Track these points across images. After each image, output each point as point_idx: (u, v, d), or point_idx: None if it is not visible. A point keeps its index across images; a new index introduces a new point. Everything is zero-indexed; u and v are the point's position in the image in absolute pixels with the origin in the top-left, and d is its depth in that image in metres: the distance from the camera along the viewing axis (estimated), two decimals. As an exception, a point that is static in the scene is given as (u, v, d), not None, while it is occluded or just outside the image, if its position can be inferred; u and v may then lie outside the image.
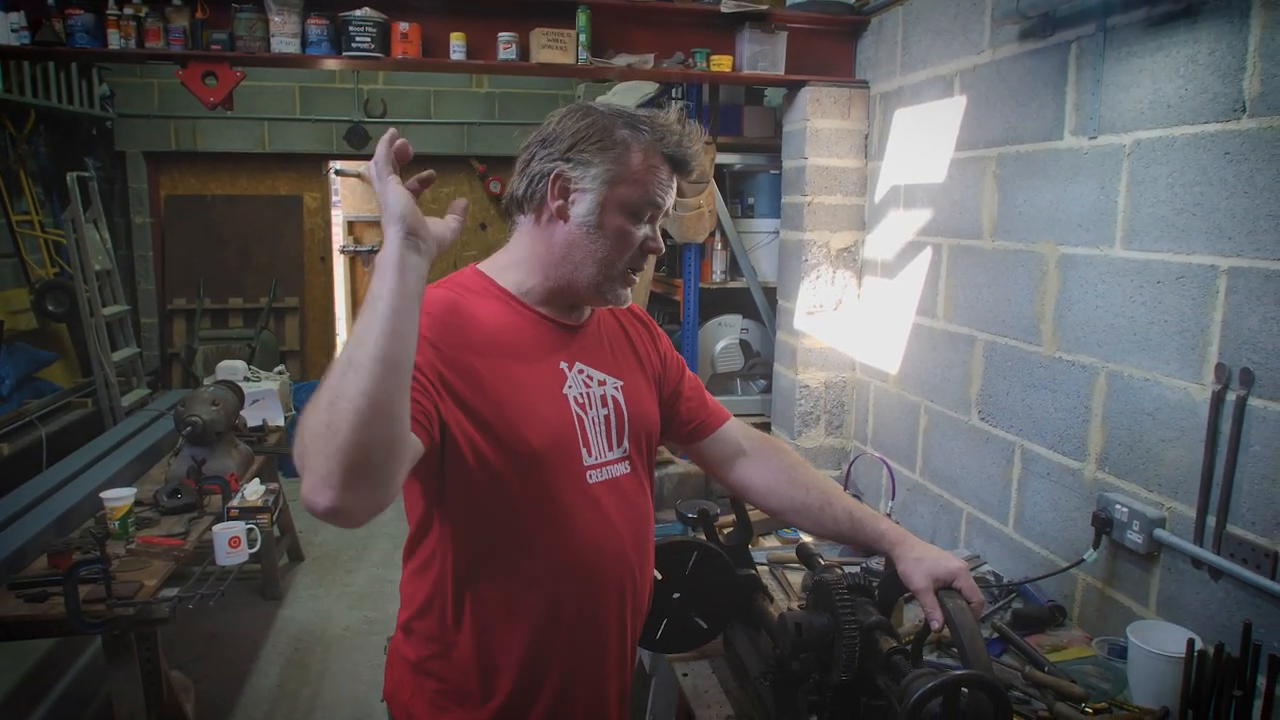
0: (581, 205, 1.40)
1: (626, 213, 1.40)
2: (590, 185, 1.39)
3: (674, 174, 1.44)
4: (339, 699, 3.61)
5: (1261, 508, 1.70)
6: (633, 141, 1.40)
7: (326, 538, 5.31)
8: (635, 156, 1.39)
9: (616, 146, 1.39)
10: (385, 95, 6.82)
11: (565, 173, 1.39)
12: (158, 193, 6.82)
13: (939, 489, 2.81)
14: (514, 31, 2.94)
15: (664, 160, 1.42)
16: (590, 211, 1.39)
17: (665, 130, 1.41)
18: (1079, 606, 2.20)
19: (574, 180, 1.39)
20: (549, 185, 1.40)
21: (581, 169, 1.39)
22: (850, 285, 3.31)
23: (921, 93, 2.85)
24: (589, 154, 1.39)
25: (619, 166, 1.39)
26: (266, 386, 4.69)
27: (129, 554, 2.82)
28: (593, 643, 1.46)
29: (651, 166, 1.40)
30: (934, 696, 1.18)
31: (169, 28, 2.80)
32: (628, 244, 1.42)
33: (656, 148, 1.41)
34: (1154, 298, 1.94)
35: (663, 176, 1.42)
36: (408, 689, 1.45)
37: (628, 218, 1.40)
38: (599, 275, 1.42)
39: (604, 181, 1.38)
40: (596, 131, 1.39)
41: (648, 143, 1.40)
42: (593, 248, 1.40)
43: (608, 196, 1.39)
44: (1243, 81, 1.72)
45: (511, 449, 1.34)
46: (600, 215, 1.39)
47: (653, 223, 1.45)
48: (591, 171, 1.38)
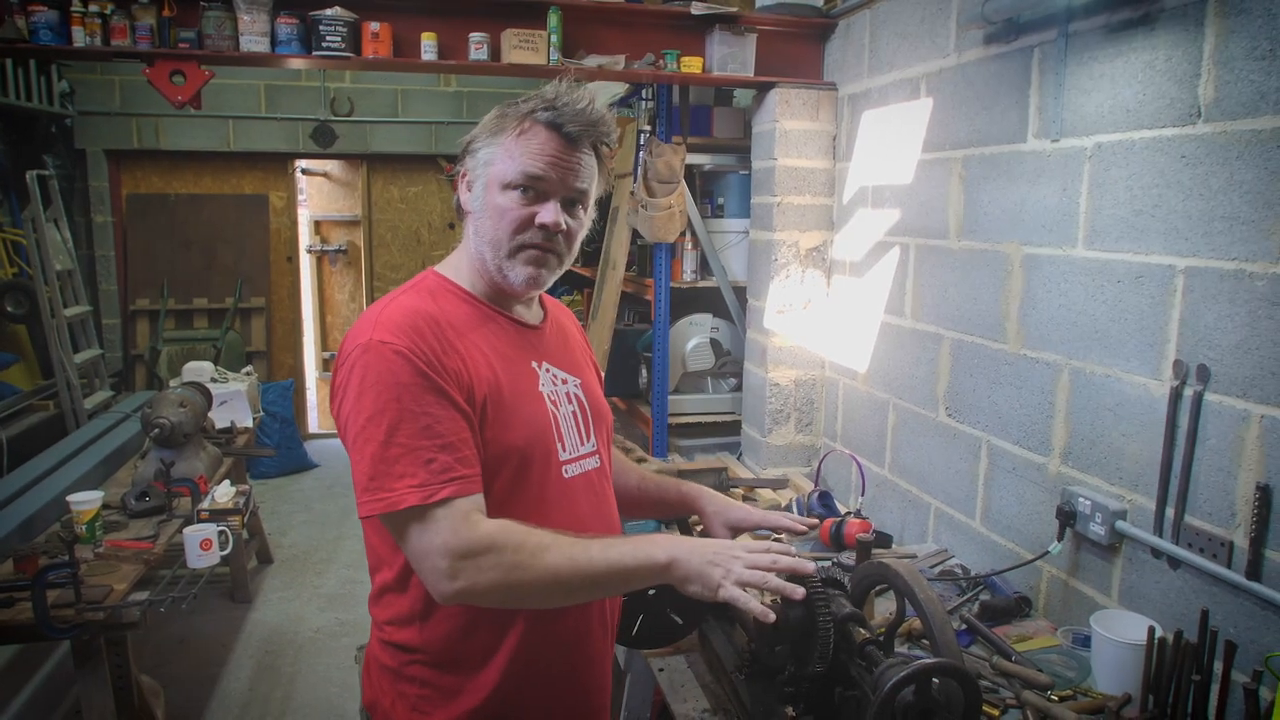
0: (475, 191, 1.44)
1: (503, 187, 1.40)
2: (480, 171, 1.42)
3: (561, 141, 1.39)
4: (311, 701, 3.59)
5: (1218, 499, 1.76)
6: (510, 118, 1.41)
7: (295, 540, 5.27)
8: (509, 131, 1.40)
9: (497, 129, 1.41)
10: (352, 94, 6.77)
11: (465, 167, 1.45)
12: (119, 191, 6.71)
13: (908, 484, 2.86)
14: (485, 32, 2.94)
15: (540, 126, 1.39)
16: (479, 195, 1.43)
17: (540, 98, 1.41)
18: (1044, 597, 2.25)
19: (470, 170, 1.44)
20: (460, 184, 1.46)
21: (472, 158, 1.44)
22: (819, 284, 3.35)
23: (889, 95, 2.90)
24: (479, 142, 1.43)
25: (496, 146, 1.41)
26: (234, 388, 4.64)
27: (97, 558, 2.78)
28: (575, 636, 1.48)
29: (525, 137, 1.39)
30: (906, 685, 1.21)
31: (135, 25, 2.77)
32: (507, 219, 1.40)
33: (529, 116, 1.40)
34: (1114, 296, 1.99)
35: (539, 144, 1.39)
36: (388, 696, 1.45)
37: (506, 193, 1.40)
38: (494, 256, 1.43)
39: (485, 163, 1.41)
40: (492, 120, 1.43)
41: (521, 114, 1.40)
42: (484, 229, 1.43)
43: (490, 176, 1.41)
44: (1198, 88, 1.77)
45: (501, 447, 1.37)
46: (486, 196, 1.42)
47: (545, 199, 1.40)
48: (479, 158, 1.42)
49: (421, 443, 1.26)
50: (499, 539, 1.25)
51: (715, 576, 1.30)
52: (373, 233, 7.32)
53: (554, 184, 1.40)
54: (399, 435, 1.26)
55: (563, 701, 1.50)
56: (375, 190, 7.28)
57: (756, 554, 1.33)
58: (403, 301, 1.39)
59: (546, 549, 1.27)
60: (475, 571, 1.24)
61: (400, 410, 1.27)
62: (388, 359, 1.29)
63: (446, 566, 1.23)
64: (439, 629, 1.40)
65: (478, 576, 1.24)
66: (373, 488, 1.26)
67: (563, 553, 1.27)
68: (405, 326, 1.32)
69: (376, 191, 7.28)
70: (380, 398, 1.27)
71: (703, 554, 1.32)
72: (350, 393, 1.31)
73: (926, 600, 1.36)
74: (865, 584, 1.56)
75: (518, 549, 1.25)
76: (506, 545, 1.25)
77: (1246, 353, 1.69)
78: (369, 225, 7.30)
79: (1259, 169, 1.65)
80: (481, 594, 1.26)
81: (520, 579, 1.25)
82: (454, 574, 1.24)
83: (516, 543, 1.26)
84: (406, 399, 1.27)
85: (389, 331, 1.31)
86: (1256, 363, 1.67)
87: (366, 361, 1.29)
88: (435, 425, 1.28)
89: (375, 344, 1.30)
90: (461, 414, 1.31)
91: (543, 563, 1.26)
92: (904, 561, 1.50)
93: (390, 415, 1.27)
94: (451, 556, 1.23)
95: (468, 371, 1.35)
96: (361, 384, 1.29)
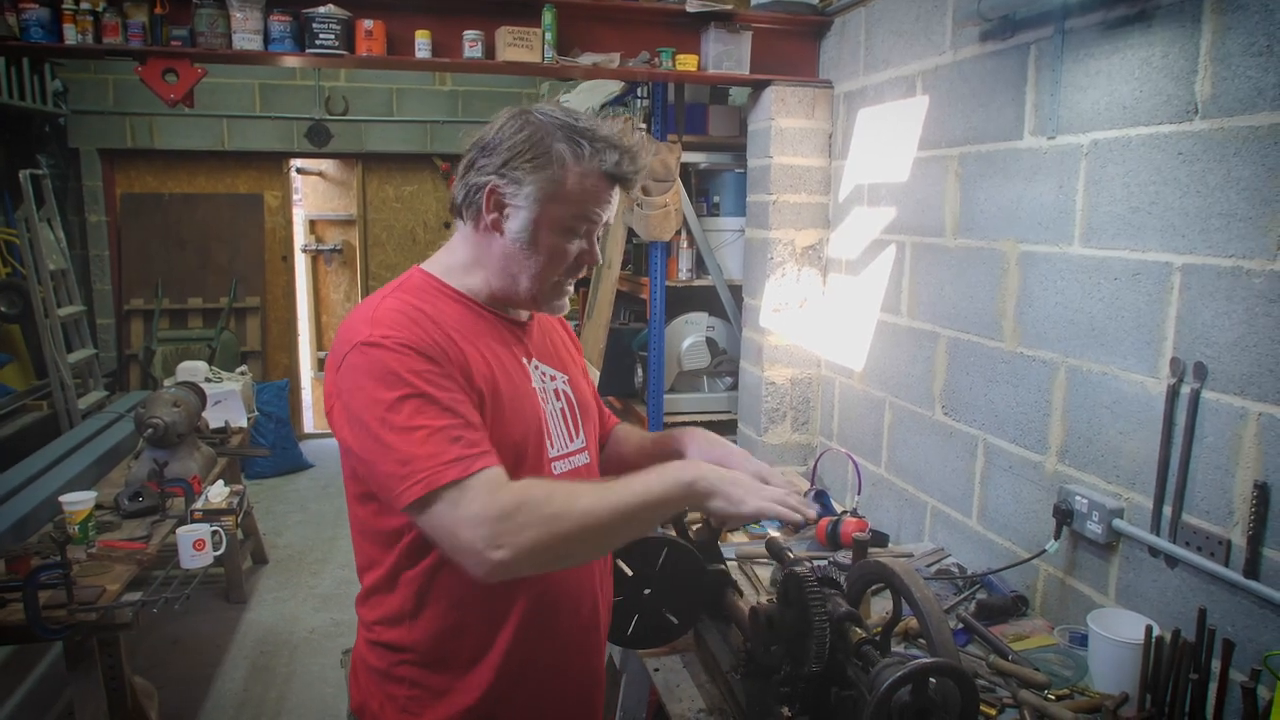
0: (515, 221, 1.39)
1: (560, 230, 1.39)
2: (524, 203, 1.37)
3: (612, 185, 1.42)
4: (305, 702, 3.58)
5: (1215, 497, 1.75)
6: (569, 159, 1.37)
7: (290, 540, 5.26)
8: (571, 175, 1.37)
9: (552, 165, 1.36)
10: (347, 93, 6.75)
11: (499, 188, 1.38)
12: (113, 190, 6.68)
13: (904, 483, 2.85)
14: (480, 30, 2.93)
15: (602, 178, 1.39)
16: (523, 229, 1.39)
17: (605, 147, 1.38)
18: (1041, 596, 2.24)
19: (507, 196, 1.38)
20: (484, 198, 1.39)
21: (515, 186, 1.37)
22: (815, 283, 3.35)
23: (884, 93, 2.89)
24: (522, 171, 1.37)
25: (553, 185, 1.37)
26: (228, 387, 4.62)
27: (90, 558, 2.77)
28: (568, 634, 1.47)
29: (587, 185, 1.38)
30: (903, 685, 1.20)
31: (127, 23, 2.76)
32: (561, 260, 1.42)
33: (595, 166, 1.38)
34: (1111, 294, 1.99)
35: (600, 193, 1.40)
36: (377, 698, 1.44)
37: (561, 235, 1.40)
38: (534, 288, 1.43)
39: (536, 200, 1.37)
40: (532, 146, 1.36)
41: (586, 161, 1.37)
42: (527, 263, 1.41)
43: (540, 215, 1.38)
44: (1194, 84, 1.76)
45: (496, 441, 1.35)
46: (533, 232, 1.39)
47: (589, 236, 1.44)
48: (525, 189, 1.37)
49: (446, 421, 1.25)
50: (529, 495, 1.23)
51: (737, 493, 1.36)
52: (368, 232, 7.30)
53: (599, 224, 1.45)
54: (421, 417, 1.24)
55: (555, 701, 1.49)
56: (370, 189, 7.26)
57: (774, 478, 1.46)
58: (394, 299, 1.38)
59: (577, 496, 1.26)
60: (516, 532, 1.19)
61: (419, 396, 1.25)
62: (394, 351, 1.27)
63: (486, 534, 1.19)
64: (429, 628, 1.39)
65: (519, 537, 1.19)
66: (406, 474, 1.22)
67: (592, 497, 1.27)
68: (403, 321, 1.31)
69: (372, 191, 7.27)
70: (395, 386, 1.25)
71: (722, 473, 1.38)
72: (358, 391, 1.28)
73: (923, 599, 1.35)
74: (861, 583, 1.55)
75: (549, 500, 1.23)
76: (537, 499, 1.23)
77: (1244, 350, 1.68)
78: (364, 225, 7.28)
79: (1256, 166, 1.64)
80: (527, 555, 1.21)
81: (560, 530, 1.22)
82: (495, 541, 1.19)
83: (544, 495, 1.24)
84: (421, 383, 1.26)
85: (387, 328, 1.30)
86: (1254, 360, 1.66)
87: (372, 357, 1.27)
88: (456, 406, 1.27)
89: (376, 339, 1.28)
90: (472, 400, 1.31)
91: (578, 507, 1.24)
92: (900, 560, 1.49)
93: (411, 403, 1.25)
94: (490, 523, 1.19)
95: (468, 364, 1.34)
96: (371, 378, 1.26)
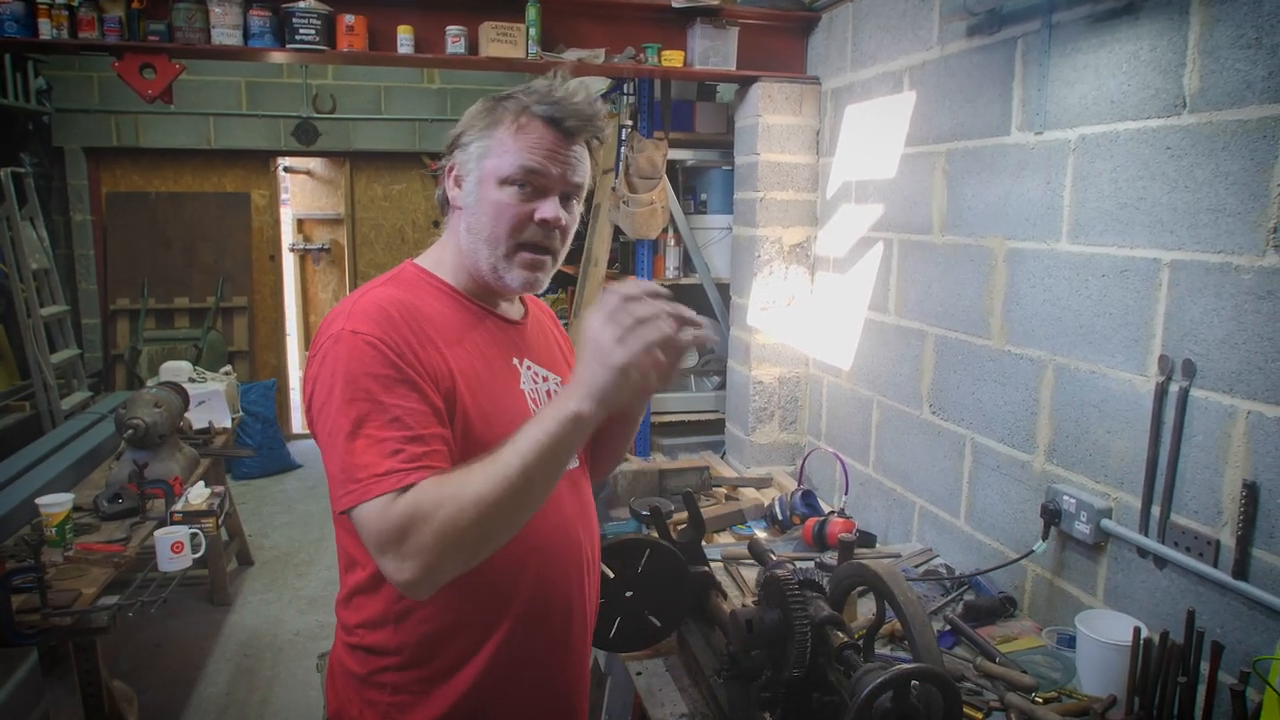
0: (466, 187, 1.39)
1: (500, 183, 1.35)
2: (472, 165, 1.38)
3: (559, 135, 1.35)
4: (289, 705, 3.54)
5: (1204, 496, 1.73)
6: (507, 114, 1.36)
7: (277, 541, 5.21)
8: (505, 125, 1.35)
9: (494, 124, 1.36)
10: (335, 91, 6.70)
11: (454, 162, 1.40)
12: (99, 189, 6.62)
13: (892, 483, 2.82)
14: (463, 25, 2.90)
15: (538, 121, 1.34)
16: (471, 191, 1.38)
17: (535, 90, 1.36)
18: (1029, 597, 2.22)
19: (459, 165, 1.39)
20: (447, 179, 1.41)
21: (463, 153, 1.39)
22: (803, 281, 3.32)
23: (872, 89, 2.86)
24: (470, 135, 1.38)
25: (489, 139, 1.36)
26: (212, 387, 4.57)
27: (66, 561, 2.72)
28: (552, 639, 1.44)
29: (522, 131, 1.34)
30: (884, 691, 1.17)
31: (104, 18, 2.72)
32: (505, 216, 1.35)
33: (526, 110, 1.35)
34: (1099, 291, 1.96)
35: (536, 138, 1.34)
36: (355, 705, 1.40)
37: (503, 189, 1.35)
38: (490, 255, 1.38)
39: (479, 158, 1.37)
40: (483, 114, 1.38)
41: (518, 108, 1.35)
42: (479, 227, 1.38)
43: (484, 172, 1.36)
44: (1183, 78, 1.74)
45: (484, 444, 1.32)
46: (479, 191, 1.37)
47: (544, 195, 1.36)
48: (471, 151, 1.38)
49: (390, 433, 1.21)
50: (415, 506, 1.15)
51: (619, 356, 1.12)
52: (356, 231, 7.26)
53: (553, 179, 1.36)
54: (367, 427, 1.22)
55: (539, 705, 1.46)
56: (358, 188, 7.21)
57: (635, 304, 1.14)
58: (379, 292, 1.35)
59: (466, 481, 1.16)
60: (415, 551, 1.13)
61: (370, 402, 1.23)
62: (359, 350, 1.25)
63: (391, 556, 1.14)
64: (416, 631, 1.35)
65: (422, 552, 1.13)
66: (343, 480, 1.21)
67: (483, 473, 1.16)
68: (379, 317, 1.28)
69: (360, 189, 7.22)
70: (350, 389, 1.23)
71: (594, 361, 1.14)
72: (321, 385, 1.27)
73: (906, 602, 1.32)
74: (845, 585, 1.53)
75: (436, 502, 1.14)
76: (425, 506, 1.14)
77: (1233, 347, 1.66)
78: (352, 223, 7.23)
79: (1245, 160, 1.62)
80: (436, 564, 1.13)
81: (458, 527, 1.13)
82: (400, 561, 1.14)
83: (434, 497, 1.15)
84: (376, 390, 1.23)
85: (361, 321, 1.27)
86: (1243, 357, 1.64)
87: (338, 353, 1.25)
88: (405, 418, 1.23)
89: (347, 334, 1.26)
90: (433, 409, 1.27)
91: (468, 496, 1.14)
92: (884, 562, 1.46)
93: (360, 407, 1.22)
94: (389, 545, 1.14)
95: (445, 364, 1.31)
96: (332, 376, 1.25)
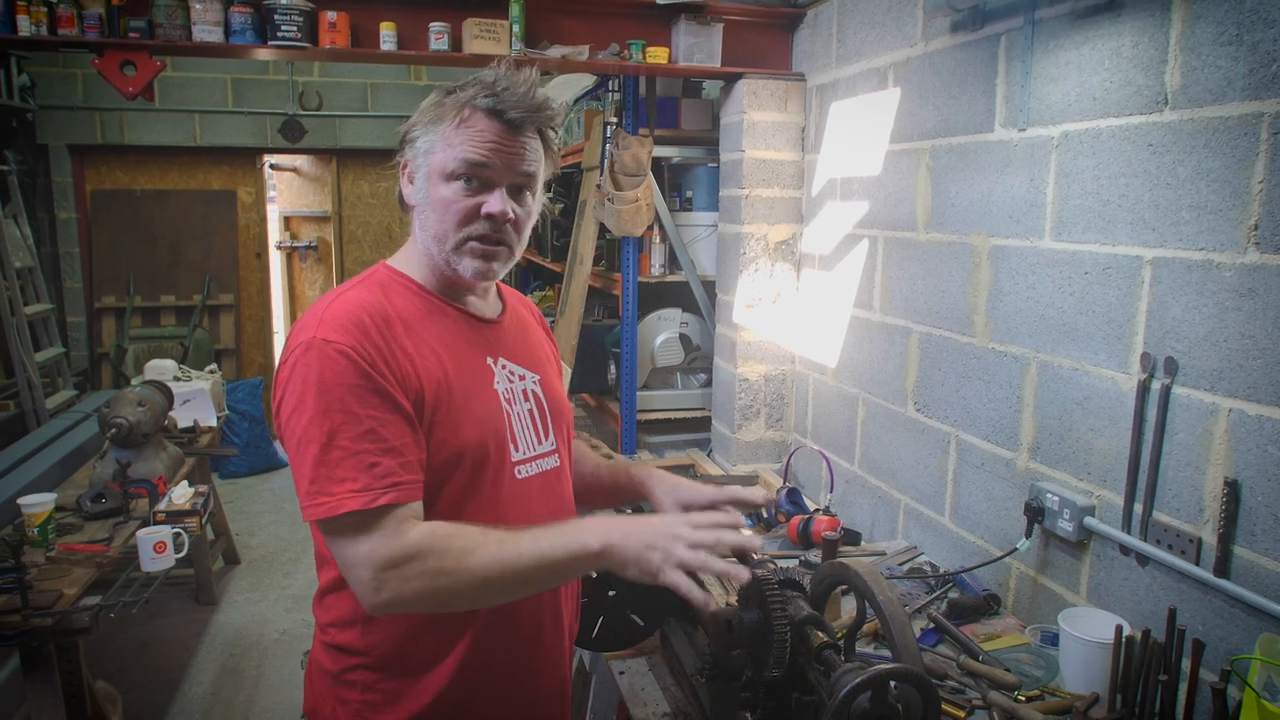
0: (417, 183, 1.38)
1: (445, 178, 1.34)
2: (421, 160, 1.37)
3: (503, 127, 1.34)
4: (274, 704, 3.53)
5: (1186, 494, 1.73)
6: (448, 106, 1.35)
7: (263, 540, 5.19)
8: (448, 120, 1.34)
9: (439, 118, 1.35)
10: (320, 88, 6.67)
11: (405, 158, 1.40)
12: (83, 187, 6.57)
13: (877, 480, 2.82)
14: (446, 22, 2.88)
15: (480, 113, 1.33)
16: (420, 187, 1.37)
17: (479, 83, 1.35)
18: (1013, 595, 2.22)
19: (410, 161, 1.39)
20: (401, 175, 1.41)
21: (411, 148, 1.38)
22: (789, 278, 3.31)
23: (857, 85, 2.86)
24: (417, 131, 1.37)
25: (433, 135, 1.35)
26: (197, 386, 4.55)
27: (49, 561, 2.71)
28: (529, 639, 1.44)
29: (465, 125, 1.33)
30: (862, 691, 1.17)
31: (84, 14, 2.69)
32: (452, 212, 1.34)
33: (470, 104, 1.33)
34: (1082, 288, 1.96)
35: (479, 131, 1.33)
36: (328, 702, 1.40)
37: (449, 184, 1.34)
38: (440, 251, 1.37)
39: (425, 153, 1.36)
40: (430, 108, 1.37)
41: (460, 101, 1.34)
42: (428, 222, 1.37)
43: (431, 165, 1.35)
44: (1164, 74, 1.74)
45: (452, 447, 1.32)
46: (426, 187, 1.36)
47: (491, 188, 1.34)
48: (418, 146, 1.37)
49: (364, 446, 1.22)
50: (424, 546, 1.20)
51: (654, 560, 1.23)
52: (343, 228, 7.23)
53: (498, 171, 1.34)
54: (341, 439, 1.22)
55: (515, 707, 1.45)
56: (345, 185, 7.18)
57: (700, 531, 1.27)
58: (350, 296, 1.34)
59: (472, 551, 1.22)
60: (400, 582, 1.19)
61: (343, 413, 1.22)
62: (331, 359, 1.24)
63: (370, 578, 1.20)
64: (384, 631, 1.35)
65: (402, 587, 1.20)
66: (313, 491, 1.22)
67: (489, 553, 1.22)
68: (350, 324, 1.27)
69: (346, 187, 7.19)
70: (322, 400, 1.23)
71: (640, 536, 1.25)
72: (291, 393, 1.25)
73: (886, 602, 1.31)
74: (826, 585, 1.52)
75: (442, 555, 1.20)
76: (431, 552, 1.20)
77: (1214, 345, 1.65)
78: (339, 221, 7.20)
79: (1226, 157, 1.61)
80: (409, 603, 1.22)
81: (445, 585, 1.21)
82: (379, 586, 1.20)
83: (441, 549, 1.21)
84: (350, 401, 1.23)
85: (333, 329, 1.26)
86: (1224, 355, 1.64)
87: (309, 361, 1.24)
88: (379, 429, 1.23)
89: (319, 342, 1.25)
90: (405, 418, 1.26)
91: (467, 566, 1.21)
92: (864, 561, 1.45)
93: (333, 418, 1.22)
94: (376, 568, 1.19)
95: (415, 371, 1.30)
96: (304, 385, 1.24)
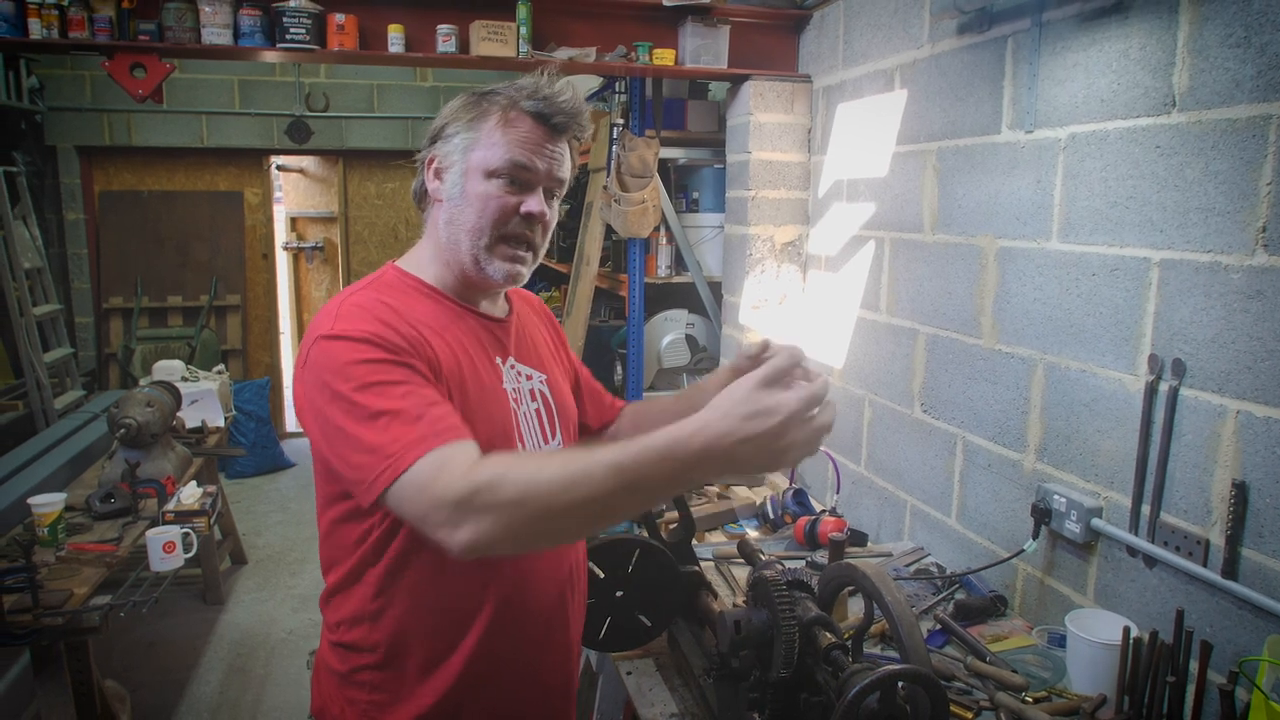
0: (449, 178, 1.39)
1: (487, 175, 1.36)
2: (456, 157, 1.38)
3: (546, 131, 1.37)
4: (281, 704, 3.54)
5: (1194, 496, 1.73)
6: (495, 107, 1.37)
7: (270, 540, 5.21)
8: (492, 119, 1.36)
9: (481, 117, 1.37)
10: (327, 89, 6.69)
11: (436, 155, 1.41)
12: (91, 188, 6.60)
13: (884, 482, 2.82)
14: (453, 24, 2.89)
15: (525, 116, 1.36)
16: (455, 183, 1.38)
17: (523, 87, 1.38)
18: (1020, 596, 2.22)
19: (441, 158, 1.40)
20: (427, 171, 1.42)
21: (446, 144, 1.39)
22: (795, 279, 3.32)
23: (863, 87, 2.86)
24: (453, 129, 1.39)
25: (475, 132, 1.37)
26: (205, 386, 4.56)
27: (59, 561, 2.72)
28: (533, 638, 1.44)
29: (510, 126, 1.36)
30: (871, 692, 1.17)
31: (94, 17, 2.71)
32: (491, 208, 1.36)
33: (515, 106, 1.36)
34: (1089, 290, 1.96)
35: (524, 133, 1.36)
36: (336, 703, 1.40)
37: (489, 181, 1.36)
38: (472, 247, 1.38)
39: (464, 150, 1.37)
40: (465, 108, 1.39)
41: (505, 102, 1.37)
42: (461, 219, 1.38)
43: (469, 164, 1.37)
44: (1172, 76, 1.74)
45: None
46: (463, 184, 1.37)
47: (529, 189, 1.37)
48: (455, 143, 1.38)
49: (406, 405, 1.20)
50: (494, 474, 1.08)
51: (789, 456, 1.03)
52: (349, 229, 7.24)
53: (539, 174, 1.38)
54: (383, 401, 1.19)
55: (522, 706, 1.45)
56: (352, 186, 7.20)
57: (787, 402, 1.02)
58: (362, 295, 1.35)
59: (548, 469, 1.08)
60: (476, 517, 1.07)
61: (377, 383, 1.21)
62: (354, 345, 1.24)
63: (446, 519, 1.08)
64: (391, 629, 1.35)
65: (480, 522, 1.07)
66: (372, 463, 1.16)
67: (573, 468, 1.07)
68: (368, 315, 1.28)
69: (353, 188, 7.20)
70: (354, 377, 1.22)
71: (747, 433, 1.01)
72: (321, 386, 1.24)
73: (894, 603, 1.32)
74: (833, 585, 1.53)
75: (514, 480, 1.07)
76: (502, 479, 1.07)
77: (1222, 346, 1.66)
78: (345, 222, 7.21)
79: (1234, 159, 1.62)
80: (492, 537, 1.07)
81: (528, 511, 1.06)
82: (456, 524, 1.07)
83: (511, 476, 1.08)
84: (381, 373, 1.22)
85: (351, 321, 1.27)
86: (1232, 357, 1.64)
87: (334, 351, 1.24)
88: (415, 391, 1.22)
89: (339, 333, 1.25)
90: (434, 388, 1.26)
91: (548, 485, 1.06)
92: (872, 562, 1.46)
93: (372, 390, 1.21)
94: (450, 508, 1.08)
95: (436, 357, 1.31)
96: (331, 372, 1.23)
